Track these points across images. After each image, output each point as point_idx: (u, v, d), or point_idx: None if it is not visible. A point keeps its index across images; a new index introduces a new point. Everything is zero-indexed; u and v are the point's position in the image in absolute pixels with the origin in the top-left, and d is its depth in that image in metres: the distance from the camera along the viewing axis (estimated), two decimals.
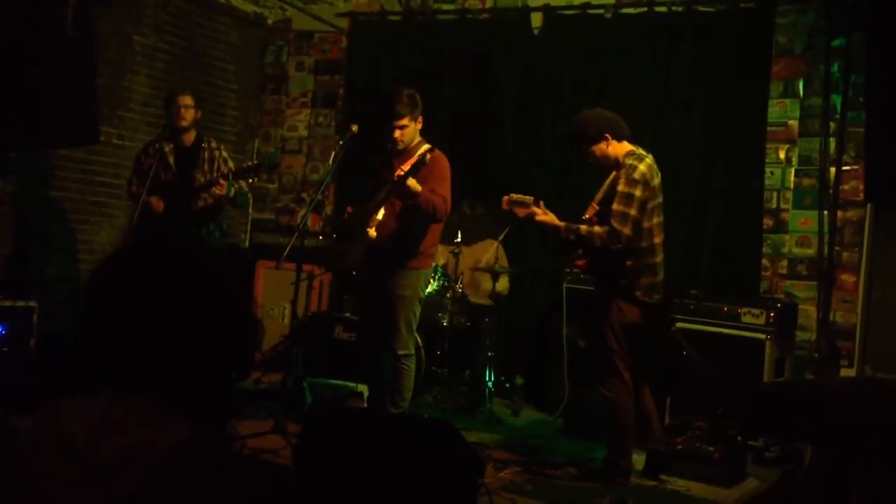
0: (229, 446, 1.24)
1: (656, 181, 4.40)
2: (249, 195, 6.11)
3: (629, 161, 4.36)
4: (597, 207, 4.52)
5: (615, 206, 4.28)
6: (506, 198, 4.61)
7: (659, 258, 4.42)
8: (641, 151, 4.46)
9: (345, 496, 2.98)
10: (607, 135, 4.44)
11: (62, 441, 1.12)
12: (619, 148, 4.45)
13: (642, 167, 4.33)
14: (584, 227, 4.38)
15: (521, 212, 4.56)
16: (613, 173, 4.49)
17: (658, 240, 4.41)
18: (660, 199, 4.43)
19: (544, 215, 4.49)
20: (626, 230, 4.26)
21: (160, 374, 1.17)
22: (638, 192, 4.28)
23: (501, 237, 6.03)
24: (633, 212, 4.27)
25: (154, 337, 1.18)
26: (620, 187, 4.30)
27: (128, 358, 1.18)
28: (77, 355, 1.21)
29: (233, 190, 5.38)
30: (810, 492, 3.71)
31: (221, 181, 5.31)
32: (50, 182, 6.15)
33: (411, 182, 4.50)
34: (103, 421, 1.13)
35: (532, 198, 4.54)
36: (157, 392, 1.16)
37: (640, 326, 4.44)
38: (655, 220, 4.40)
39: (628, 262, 4.36)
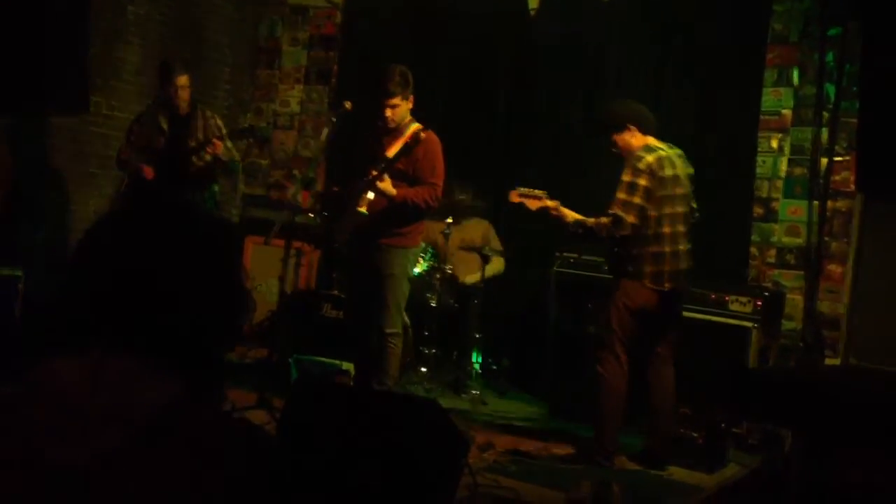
0: (219, 407, 1.24)
1: (667, 172, 4.43)
2: (240, 164, 6.02)
3: (639, 153, 4.42)
4: None
5: (618, 195, 4.36)
6: (514, 192, 4.64)
7: (667, 248, 4.43)
8: (660, 145, 4.50)
9: (328, 472, 2.98)
10: (630, 125, 4.49)
11: (53, 397, 1.12)
12: (641, 140, 4.50)
13: (650, 158, 4.39)
14: (590, 220, 4.44)
15: (532, 205, 4.60)
16: None
17: (667, 230, 4.43)
18: (674, 192, 4.45)
19: (556, 211, 4.54)
20: (630, 218, 4.32)
21: (152, 334, 1.18)
22: (642, 181, 4.34)
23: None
24: (636, 199, 4.33)
25: (147, 296, 1.18)
26: (624, 177, 4.38)
27: (120, 317, 1.18)
28: (68, 312, 1.21)
29: (227, 153, 5.37)
30: (790, 477, 3.73)
31: (216, 141, 5.29)
32: (38, 150, 6.10)
33: (383, 185, 4.54)
34: (94, 378, 1.13)
35: (544, 192, 4.59)
36: (147, 351, 1.16)
37: (654, 312, 4.46)
38: (666, 211, 4.42)
39: (633, 250, 4.39)
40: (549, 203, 4.56)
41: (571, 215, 4.53)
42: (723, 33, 6.14)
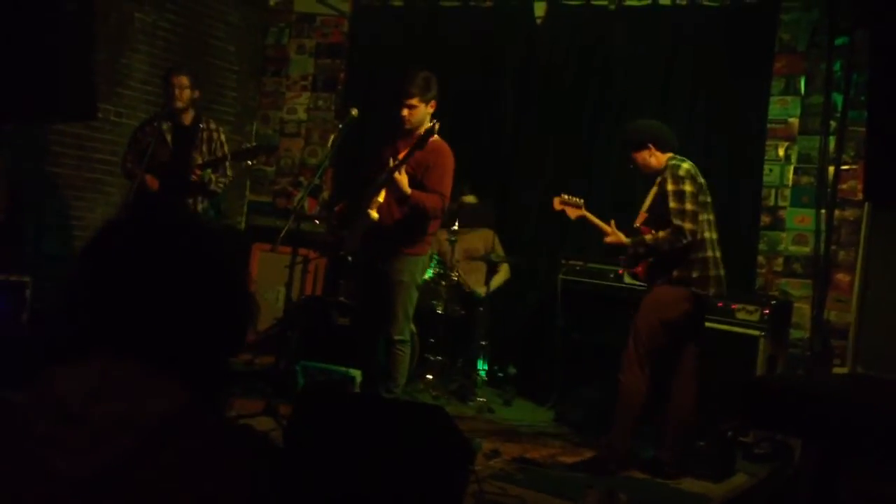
0: (223, 416, 1.24)
1: (701, 179, 4.51)
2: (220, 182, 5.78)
3: (671, 163, 4.50)
4: (646, 215, 4.66)
5: (671, 205, 4.39)
6: (557, 199, 4.84)
7: (710, 253, 4.48)
8: (681, 158, 4.57)
9: (334, 479, 2.98)
10: (650, 144, 4.58)
11: (56, 405, 1.11)
12: (661, 158, 4.58)
13: (685, 165, 4.49)
14: (648, 237, 4.48)
15: (572, 213, 4.81)
16: (657, 183, 4.59)
17: (708, 235, 4.49)
18: (706, 199, 4.51)
19: (614, 236, 4.63)
20: (688, 225, 4.37)
21: (156, 342, 1.17)
22: (688, 188, 4.41)
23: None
24: (689, 206, 4.39)
25: (151, 304, 1.17)
26: (670, 187, 4.42)
27: (124, 324, 1.17)
28: (72, 320, 1.20)
29: (207, 178, 5.34)
30: (800, 487, 3.72)
31: (197, 171, 5.29)
32: (45, 157, 6.12)
33: (399, 178, 4.52)
34: (98, 385, 1.12)
35: (582, 200, 4.80)
36: (152, 359, 1.16)
37: (686, 322, 4.49)
38: (704, 216, 4.49)
39: (679, 256, 4.44)
40: (607, 228, 4.66)
41: (625, 239, 4.60)
42: (730, 42, 6.14)
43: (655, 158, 4.57)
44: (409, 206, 4.62)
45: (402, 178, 4.55)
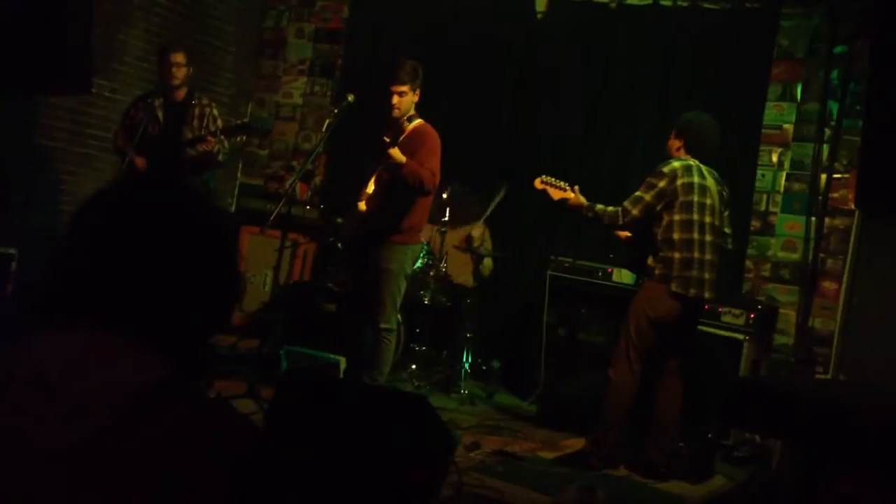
0: (204, 391, 1.22)
1: (694, 179, 4.44)
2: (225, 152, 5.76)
3: (673, 160, 4.52)
4: None
5: (637, 192, 4.47)
6: (539, 179, 4.75)
7: (696, 254, 4.41)
8: (690, 161, 4.52)
9: (313, 463, 2.97)
10: (683, 138, 4.56)
11: (35, 375, 1.10)
12: (681, 154, 4.56)
13: (676, 164, 4.47)
14: (598, 207, 4.56)
15: (555, 194, 4.72)
16: None
17: (696, 236, 4.42)
18: (702, 199, 4.44)
19: (576, 199, 4.66)
20: (635, 211, 4.41)
21: (141, 314, 1.15)
22: (661, 183, 4.41)
23: (487, 213, 6.11)
24: (647, 197, 4.42)
25: (137, 275, 1.16)
26: (648, 177, 4.47)
27: (109, 295, 1.15)
28: (58, 289, 1.19)
29: (217, 147, 5.32)
30: (780, 490, 3.73)
31: (210, 138, 5.25)
32: (37, 130, 6.08)
33: (394, 152, 4.52)
34: (79, 356, 1.11)
35: (567, 184, 4.71)
36: (136, 332, 1.14)
37: (674, 323, 4.46)
38: (695, 217, 4.42)
39: (662, 254, 4.43)
40: (571, 195, 4.65)
41: (585, 201, 4.64)
42: (729, 45, 6.14)
43: (677, 151, 4.58)
44: (404, 174, 4.57)
45: (396, 152, 4.55)
